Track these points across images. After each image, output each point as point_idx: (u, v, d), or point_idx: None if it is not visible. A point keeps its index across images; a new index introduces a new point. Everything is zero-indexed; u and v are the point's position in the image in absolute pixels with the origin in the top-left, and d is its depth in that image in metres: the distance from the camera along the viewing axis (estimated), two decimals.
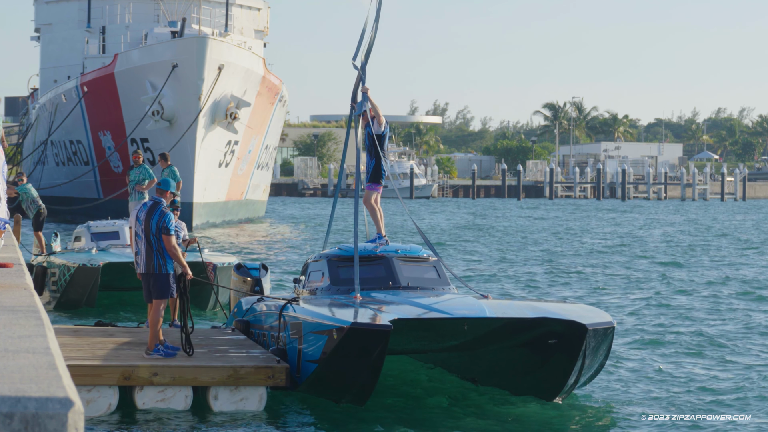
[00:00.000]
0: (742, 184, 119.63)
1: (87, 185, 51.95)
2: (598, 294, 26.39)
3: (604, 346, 13.39)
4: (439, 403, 13.80)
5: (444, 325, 13.74)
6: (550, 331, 13.47)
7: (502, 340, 14.23)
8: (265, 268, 17.73)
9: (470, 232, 52.66)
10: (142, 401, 12.95)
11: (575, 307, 14.71)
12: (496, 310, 13.49)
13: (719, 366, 16.66)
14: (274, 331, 14.28)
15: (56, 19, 60.05)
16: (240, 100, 46.69)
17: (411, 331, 14.00)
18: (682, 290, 27.15)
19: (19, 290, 5.85)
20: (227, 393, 13.10)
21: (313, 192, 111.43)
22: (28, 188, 25.19)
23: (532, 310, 13.60)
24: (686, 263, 35.41)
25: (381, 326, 12.47)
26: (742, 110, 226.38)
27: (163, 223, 13.68)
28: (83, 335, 15.30)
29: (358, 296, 14.18)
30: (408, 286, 14.90)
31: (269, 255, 36.23)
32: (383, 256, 15.31)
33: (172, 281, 13.74)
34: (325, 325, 12.83)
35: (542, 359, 13.66)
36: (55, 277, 22.10)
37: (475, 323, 13.63)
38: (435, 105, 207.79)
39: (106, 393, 12.81)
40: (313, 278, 15.74)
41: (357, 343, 12.48)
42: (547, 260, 36.11)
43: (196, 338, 14.89)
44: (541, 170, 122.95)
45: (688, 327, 20.51)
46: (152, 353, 13.51)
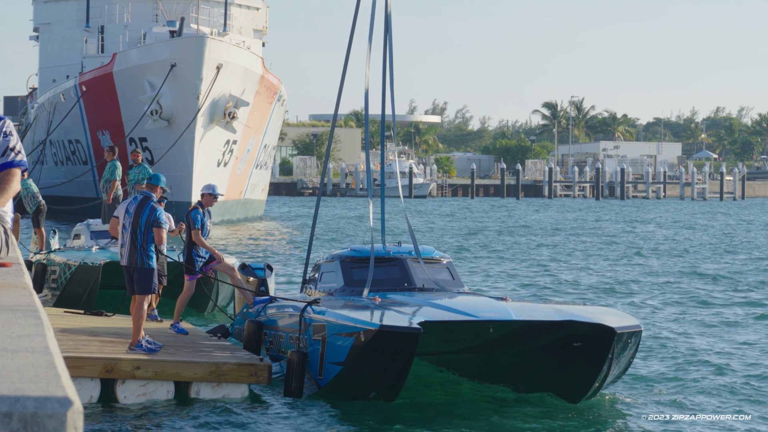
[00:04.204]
0: (741, 183, 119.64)
1: (86, 185, 51.93)
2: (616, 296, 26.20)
3: (631, 350, 13.25)
4: (451, 405, 13.62)
5: (470, 327, 13.65)
6: (575, 334, 13.34)
7: (526, 342, 14.09)
8: (270, 268, 17.64)
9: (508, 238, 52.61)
10: (123, 395, 12.90)
11: (599, 309, 14.57)
12: (521, 313, 13.35)
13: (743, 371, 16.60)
14: (293, 333, 14.10)
15: (55, 18, 60.06)
16: (238, 100, 46.68)
17: (435, 334, 13.90)
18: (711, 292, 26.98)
19: (18, 289, 5.84)
20: (209, 389, 13.05)
21: (312, 191, 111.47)
22: (29, 183, 25.15)
23: (557, 313, 13.42)
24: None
25: (411, 328, 12.33)
26: (741, 109, 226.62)
27: (154, 217, 13.86)
28: (69, 330, 15.23)
29: (376, 298, 14.07)
30: (423, 287, 14.81)
31: (269, 254, 36.19)
32: (397, 257, 15.25)
33: (155, 277, 13.91)
34: (351, 327, 12.67)
35: (566, 362, 13.51)
36: (55, 275, 22.03)
37: (501, 326, 13.53)
38: (434, 104, 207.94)
39: (87, 385, 12.75)
40: (326, 279, 15.64)
41: (385, 345, 12.37)
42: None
43: (182, 340, 14.91)
44: (540, 169, 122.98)
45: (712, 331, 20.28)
46: (135, 349, 13.54)
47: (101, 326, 16.18)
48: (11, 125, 7.27)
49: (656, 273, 31.55)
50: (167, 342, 14.56)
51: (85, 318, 17.58)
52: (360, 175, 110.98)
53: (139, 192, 14.38)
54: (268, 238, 45.36)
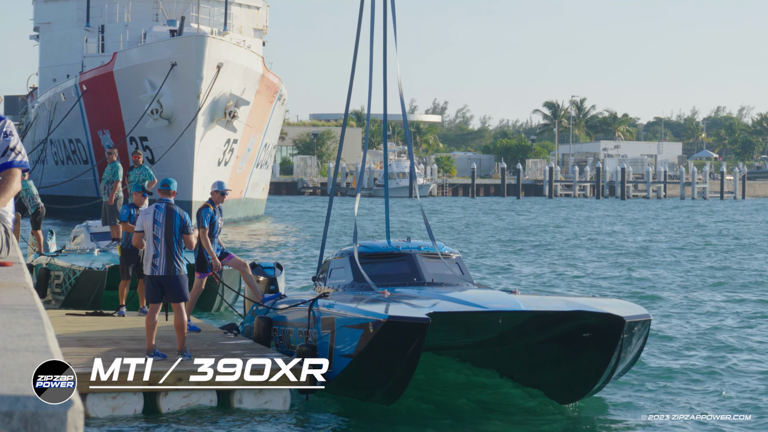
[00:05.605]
0: (742, 182, 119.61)
1: (86, 184, 51.92)
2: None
3: (640, 339, 13.28)
4: (456, 406, 13.59)
5: (479, 318, 13.66)
6: (584, 324, 13.39)
7: (535, 333, 14.14)
8: (279, 267, 17.59)
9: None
10: (167, 406, 12.74)
11: (608, 300, 14.65)
12: (530, 304, 13.40)
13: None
14: (302, 327, 14.12)
15: (55, 17, 60.05)
16: (239, 99, 46.66)
17: (444, 325, 13.92)
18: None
19: (19, 289, 5.83)
20: (251, 396, 12.98)
21: (312, 191, 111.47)
22: (29, 184, 25.14)
23: (566, 304, 13.52)
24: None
25: (419, 319, 12.32)
26: (741, 109, 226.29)
27: (185, 224, 13.94)
28: (86, 344, 15.09)
29: (385, 292, 14.10)
30: (432, 282, 14.86)
31: (270, 254, 36.18)
32: (406, 252, 15.30)
33: (187, 283, 13.94)
34: (360, 319, 12.66)
35: (576, 353, 13.56)
36: (59, 279, 21.89)
37: (510, 317, 13.57)
38: (434, 104, 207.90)
39: (130, 399, 12.61)
40: (336, 275, 15.69)
41: (394, 336, 12.33)
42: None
43: (205, 343, 14.82)
44: (540, 169, 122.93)
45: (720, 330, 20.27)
46: (186, 356, 13.51)
47: (116, 327, 16.08)
48: (12, 125, 7.25)
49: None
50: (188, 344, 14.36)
51: (90, 319, 17.39)
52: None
53: (160, 200, 14.34)
54: (270, 239, 45.34)
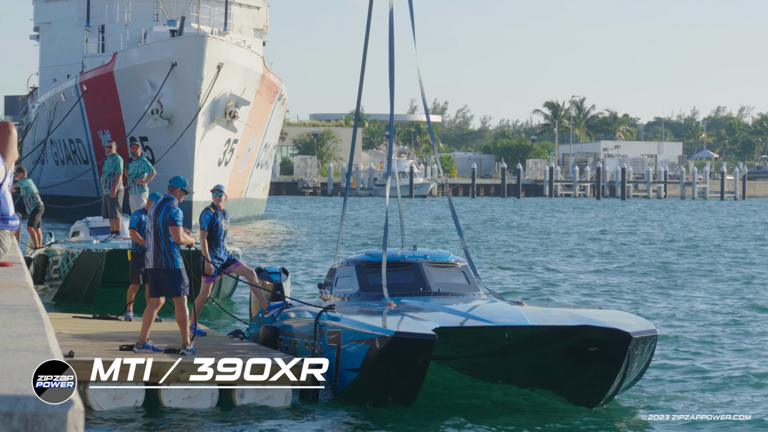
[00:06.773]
0: (742, 182, 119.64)
1: (86, 184, 51.93)
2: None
3: (647, 354, 13.22)
4: (464, 408, 13.52)
5: (485, 333, 13.62)
6: (590, 338, 13.30)
7: (541, 347, 14.05)
8: (285, 272, 17.48)
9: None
10: (168, 399, 12.76)
11: (613, 313, 14.48)
12: (536, 318, 13.30)
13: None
14: (308, 339, 13.99)
15: (55, 17, 60.06)
16: (239, 99, 46.66)
17: (450, 339, 13.83)
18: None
19: (19, 289, 5.83)
20: (253, 392, 12.97)
21: (312, 191, 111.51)
22: (28, 183, 25.18)
23: (573, 318, 13.39)
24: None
25: (425, 335, 12.28)
26: (741, 109, 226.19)
27: (169, 216, 13.80)
28: (94, 336, 15.10)
29: (391, 303, 14.00)
30: (438, 291, 14.74)
31: (271, 255, 36.17)
32: (412, 261, 15.15)
33: (184, 277, 13.83)
34: (366, 334, 12.62)
35: (581, 367, 13.48)
36: (57, 264, 21.85)
37: (516, 331, 13.50)
38: (434, 104, 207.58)
39: (131, 390, 12.64)
40: (341, 284, 15.56)
41: (400, 352, 12.32)
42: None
43: (209, 344, 14.78)
44: (540, 169, 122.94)
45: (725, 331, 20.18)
46: (189, 351, 13.50)
47: (121, 330, 16.11)
48: None
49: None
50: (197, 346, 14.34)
51: (96, 322, 17.44)
52: (360, 174, 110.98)
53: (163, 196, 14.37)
54: (270, 238, 45.34)
